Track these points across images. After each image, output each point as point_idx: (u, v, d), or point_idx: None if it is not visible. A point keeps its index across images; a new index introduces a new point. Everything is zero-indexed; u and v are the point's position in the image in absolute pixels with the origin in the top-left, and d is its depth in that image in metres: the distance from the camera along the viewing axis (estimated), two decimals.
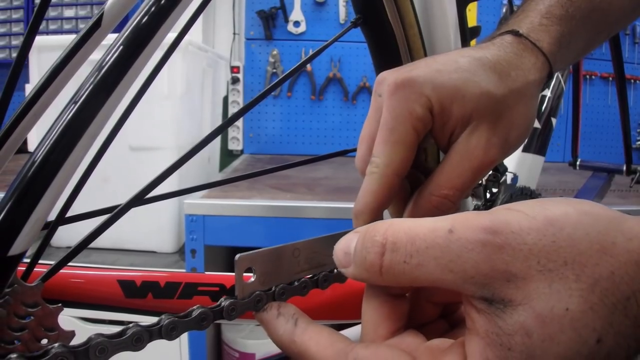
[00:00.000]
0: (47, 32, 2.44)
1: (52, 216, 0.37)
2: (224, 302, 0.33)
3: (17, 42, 2.57)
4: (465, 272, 0.26)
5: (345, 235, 0.31)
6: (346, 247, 0.31)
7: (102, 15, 0.34)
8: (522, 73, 0.41)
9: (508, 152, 0.41)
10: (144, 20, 0.31)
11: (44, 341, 0.33)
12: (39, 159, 0.29)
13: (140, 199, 0.38)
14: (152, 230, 1.65)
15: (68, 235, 1.46)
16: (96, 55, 0.35)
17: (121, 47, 0.31)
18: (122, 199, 0.39)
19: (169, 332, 0.31)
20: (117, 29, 0.35)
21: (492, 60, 0.40)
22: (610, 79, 2.72)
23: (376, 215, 0.38)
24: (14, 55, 2.53)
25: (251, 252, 0.33)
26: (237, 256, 0.31)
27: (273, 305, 0.34)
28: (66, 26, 2.44)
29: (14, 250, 0.28)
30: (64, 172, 0.29)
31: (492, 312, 0.27)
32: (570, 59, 0.48)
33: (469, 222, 0.27)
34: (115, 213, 0.36)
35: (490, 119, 0.39)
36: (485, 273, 0.26)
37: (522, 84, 0.41)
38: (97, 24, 0.34)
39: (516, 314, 0.26)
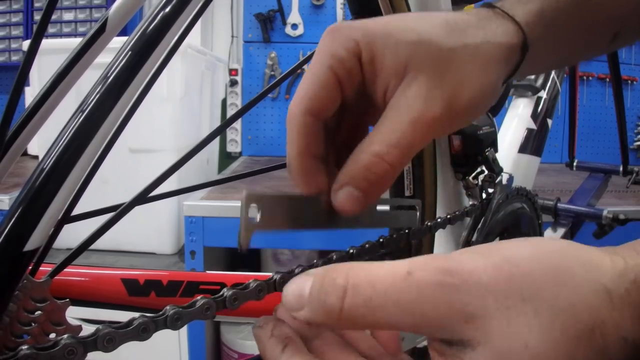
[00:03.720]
0: (47, 36, 2.44)
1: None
2: (227, 291, 0.34)
3: (16, 45, 2.57)
4: (424, 315, 0.26)
5: (295, 278, 0.30)
6: (299, 289, 0.29)
7: (106, 20, 0.35)
8: (483, 32, 0.36)
9: (456, 118, 0.36)
10: (150, 28, 0.32)
11: (52, 335, 0.34)
12: (53, 160, 0.30)
13: (143, 198, 0.39)
14: (152, 232, 1.66)
15: (67, 237, 1.47)
16: (100, 59, 0.36)
17: (128, 55, 0.32)
18: (122, 201, 0.40)
19: (174, 322, 0.32)
20: (121, 33, 0.37)
21: (445, 17, 0.36)
22: (608, 80, 2.73)
23: (304, 163, 0.35)
24: (14, 58, 2.55)
25: (259, 191, 0.33)
26: (245, 192, 0.32)
27: (269, 323, 0.34)
28: (65, 29, 2.45)
29: (29, 246, 0.29)
30: (75, 172, 0.30)
31: (453, 353, 0.27)
32: (560, 46, 0.42)
33: (426, 264, 0.27)
34: (120, 211, 0.37)
35: (431, 71, 0.34)
36: (444, 314, 0.26)
37: (481, 41, 0.36)
38: (101, 29, 0.35)
39: (475, 354, 0.26)
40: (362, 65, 0.35)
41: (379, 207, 0.42)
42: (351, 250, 0.42)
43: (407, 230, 0.45)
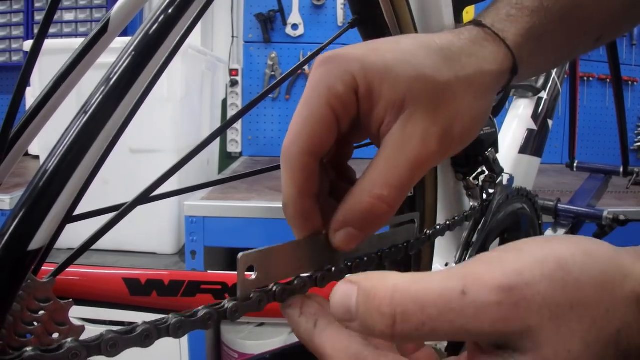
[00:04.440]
0: (47, 36, 2.43)
1: None
2: (228, 303, 0.34)
3: (17, 45, 2.57)
4: (481, 330, 0.26)
5: (339, 287, 0.29)
6: (345, 303, 0.28)
7: (108, 20, 0.35)
8: (476, 61, 0.37)
9: (450, 149, 0.37)
10: (152, 29, 0.32)
11: (55, 335, 0.34)
12: (57, 160, 0.30)
13: (145, 197, 0.39)
14: (153, 232, 1.66)
15: (68, 237, 1.47)
16: (102, 60, 0.36)
17: (131, 56, 0.32)
18: (122, 201, 0.40)
19: (175, 331, 0.32)
20: (122, 33, 0.37)
21: (440, 44, 0.36)
22: (608, 80, 2.73)
23: (304, 204, 0.35)
24: (14, 58, 2.54)
25: (253, 250, 0.33)
26: (240, 255, 0.32)
27: (297, 302, 0.35)
28: (66, 30, 2.45)
29: (33, 245, 0.29)
30: (79, 172, 0.30)
31: (499, 355, 0.27)
32: (547, 57, 0.44)
33: (481, 280, 0.26)
34: (122, 211, 0.37)
35: (428, 106, 0.34)
36: (501, 329, 0.26)
37: (474, 72, 0.37)
38: (103, 30, 0.35)
39: (523, 359, 0.26)
40: (359, 98, 0.35)
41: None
42: (349, 263, 0.42)
43: (405, 244, 0.45)
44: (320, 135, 0.34)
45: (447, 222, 0.55)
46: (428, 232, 0.51)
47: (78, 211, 0.40)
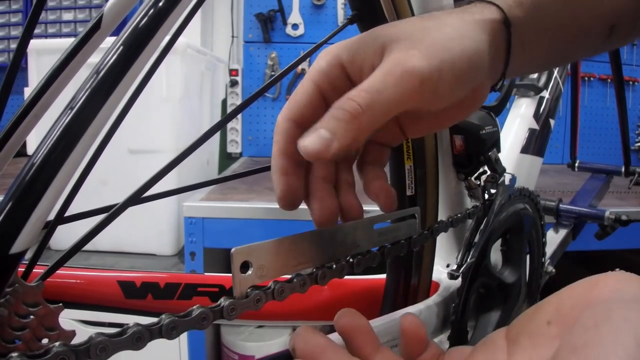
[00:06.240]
0: (46, 36, 2.44)
1: (51, 217, 0.38)
2: (224, 301, 0.33)
3: (15, 45, 2.57)
4: None
5: None
6: None
7: (101, 17, 0.34)
8: (457, 13, 0.38)
9: (441, 78, 0.34)
10: (142, 23, 0.32)
11: (45, 341, 0.33)
12: (40, 158, 0.29)
13: (137, 198, 0.38)
14: (152, 233, 1.65)
15: (68, 238, 1.46)
16: (95, 58, 0.35)
17: (120, 50, 0.31)
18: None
19: (169, 332, 0.31)
20: (116, 31, 0.36)
21: (422, 16, 0.38)
22: (609, 80, 2.72)
23: (282, 162, 0.38)
24: None
25: (247, 245, 0.32)
26: (233, 250, 0.31)
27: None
28: (65, 29, 2.45)
29: (16, 248, 0.28)
30: (64, 172, 0.29)
31: None
32: (553, 29, 0.42)
33: None
34: (113, 211, 0.36)
35: (409, 39, 0.34)
36: None
37: (456, 18, 0.37)
38: (96, 26, 0.34)
39: None
40: (347, 69, 0.37)
41: (376, 226, 0.41)
42: (351, 260, 0.41)
43: (407, 239, 0.45)
44: (300, 105, 0.37)
45: (450, 219, 0.54)
46: (431, 227, 0.50)
47: (76, 212, 0.39)
